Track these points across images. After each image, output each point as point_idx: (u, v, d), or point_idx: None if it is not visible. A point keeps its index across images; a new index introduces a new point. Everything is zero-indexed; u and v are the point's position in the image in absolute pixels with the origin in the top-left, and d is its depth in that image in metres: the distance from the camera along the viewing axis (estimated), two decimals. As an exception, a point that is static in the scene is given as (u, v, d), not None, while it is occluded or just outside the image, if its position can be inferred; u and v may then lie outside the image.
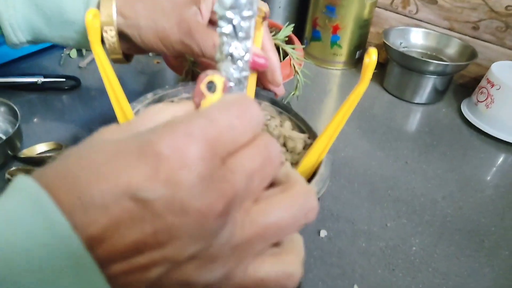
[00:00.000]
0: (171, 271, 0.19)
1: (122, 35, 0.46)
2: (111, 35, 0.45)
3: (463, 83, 0.84)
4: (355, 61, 0.87)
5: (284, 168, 0.25)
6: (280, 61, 0.58)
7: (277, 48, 0.59)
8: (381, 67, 0.86)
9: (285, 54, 0.58)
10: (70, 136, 0.64)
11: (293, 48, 0.58)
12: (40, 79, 0.71)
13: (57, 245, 0.17)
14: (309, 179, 0.39)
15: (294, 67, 0.57)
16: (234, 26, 0.32)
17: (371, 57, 0.33)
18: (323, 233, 0.54)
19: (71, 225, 0.17)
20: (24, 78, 0.71)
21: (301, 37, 0.90)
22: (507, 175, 0.66)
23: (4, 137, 0.59)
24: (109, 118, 0.68)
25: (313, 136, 0.43)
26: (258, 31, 0.39)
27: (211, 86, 0.30)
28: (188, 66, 0.53)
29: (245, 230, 0.20)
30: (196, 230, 0.18)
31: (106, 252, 0.18)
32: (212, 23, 0.48)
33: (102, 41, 0.45)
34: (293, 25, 0.61)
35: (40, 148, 0.60)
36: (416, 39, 0.83)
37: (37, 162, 0.58)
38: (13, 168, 0.56)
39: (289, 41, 0.62)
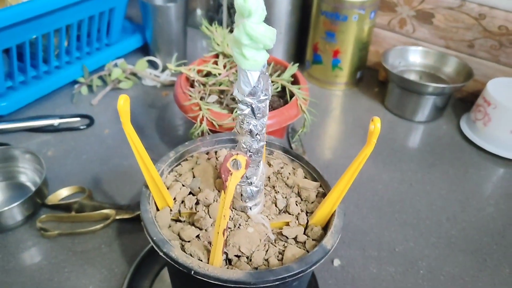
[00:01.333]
0: None
1: None
2: None
3: (461, 98, 0.88)
4: (356, 81, 0.90)
5: None
6: (287, 102, 0.61)
7: (283, 88, 0.62)
8: (382, 86, 0.89)
9: (291, 93, 0.61)
10: (90, 177, 0.67)
11: (299, 88, 0.61)
12: (57, 121, 0.75)
13: None
14: (323, 228, 0.43)
15: (301, 107, 0.60)
16: (252, 108, 0.36)
17: (376, 125, 0.36)
18: (336, 262, 0.58)
19: None
20: (41, 120, 0.74)
21: (302, 60, 0.93)
22: (506, 191, 0.70)
23: (33, 188, 0.63)
24: (124, 155, 0.72)
25: (324, 184, 0.46)
26: None
27: (235, 164, 0.34)
28: (202, 114, 0.56)
29: None
30: None
31: None
32: None
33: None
34: (297, 64, 0.64)
35: (64, 192, 0.64)
36: (414, 58, 0.86)
37: (65, 208, 0.61)
38: (43, 216, 0.59)
39: (295, 80, 0.65)
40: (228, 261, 0.41)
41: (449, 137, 0.80)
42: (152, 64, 0.93)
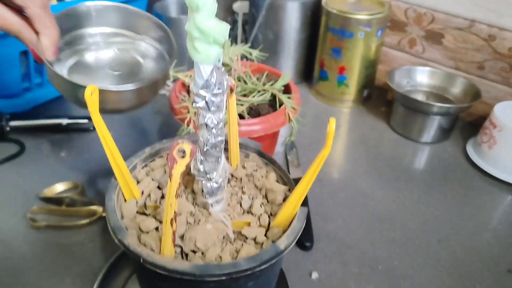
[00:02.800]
0: None
1: None
2: None
3: (471, 121, 0.85)
4: (364, 99, 0.89)
5: None
6: (276, 110, 0.62)
7: (274, 97, 0.63)
8: (389, 105, 0.88)
9: (281, 103, 0.62)
10: (87, 174, 0.70)
11: (289, 97, 0.61)
12: (65, 121, 0.78)
13: None
14: (285, 231, 0.43)
15: (289, 115, 0.60)
16: (206, 102, 0.36)
17: (331, 126, 0.36)
18: (314, 275, 0.56)
19: None
20: (50, 120, 0.78)
21: (310, 76, 0.93)
22: (508, 217, 0.67)
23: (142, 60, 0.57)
24: (124, 157, 0.73)
25: (293, 188, 0.46)
26: (229, 98, 0.44)
27: (181, 152, 0.35)
28: (190, 116, 0.58)
29: None
30: None
31: None
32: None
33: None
34: (289, 75, 0.65)
35: (59, 187, 0.66)
36: (421, 78, 0.85)
37: (56, 201, 0.63)
38: (35, 207, 0.62)
39: (287, 89, 0.65)
40: (185, 255, 0.41)
41: (454, 159, 0.77)
42: (165, 74, 0.95)
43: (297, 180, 0.42)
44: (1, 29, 0.45)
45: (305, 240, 0.60)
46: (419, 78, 0.84)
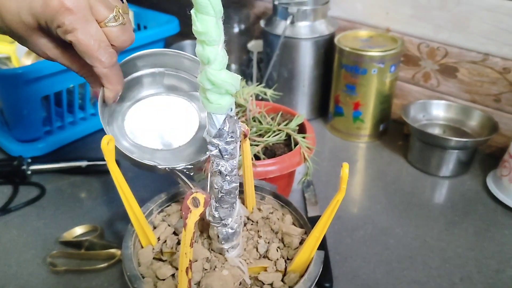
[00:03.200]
0: None
1: None
2: None
3: (490, 153, 0.84)
4: (380, 134, 0.89)
5: None
6: (291, 150, 0.62)
7: (289, 136, 0.64)
8: (406, 139, 0.87)
9: (296, 142, 0.62)
10: (106, 216, 0.71)
11: (304, 137, 0.62)
12: (84, 163, 0.80)
13: None
14: (302, 276, 0.42)
15: (304, 155, 0.61)
16: (219, 150, 0.37)
17: (344, 171, 0.36)
18: (334, 317, 0.55)
19: None
20: (70, 163, 0.79)
21: (326, 112, 0.94)
22: (533, 254, 0.65)
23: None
24: (144, 198, 0.74)
25: (309, 231, 0.46)
26: (243, 143, 0.45)
27: (195, 202, 0.35)
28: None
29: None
30: None
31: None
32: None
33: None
34: (303, 115, 0.65)
35: (78, 230, 0.67)
36: (437, 111, 0.84)
37: (76, 245, 0.64)
38: (55, 251, 0.63)
39: (302, 129, 0.66)
40: (202, 302, 0.41)
41: (474, 193, 0.76)
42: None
43: (315, 218, 0.42)
44: (72, 70, 0.48)
45: (324, 281, 0.59)
46: (435, 112, 0.84)
